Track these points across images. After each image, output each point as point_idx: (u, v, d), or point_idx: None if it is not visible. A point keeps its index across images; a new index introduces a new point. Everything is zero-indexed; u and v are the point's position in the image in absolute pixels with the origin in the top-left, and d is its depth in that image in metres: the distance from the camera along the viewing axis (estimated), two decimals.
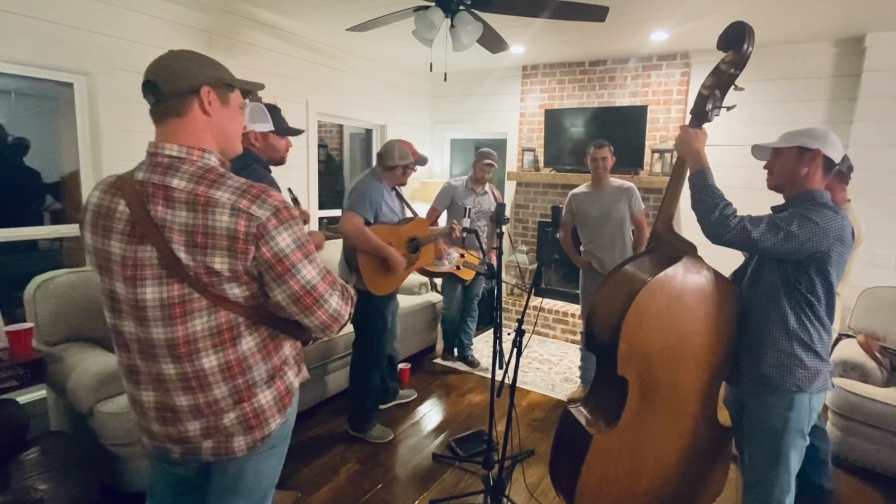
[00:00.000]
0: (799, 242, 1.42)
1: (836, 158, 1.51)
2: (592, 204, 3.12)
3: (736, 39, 1.49)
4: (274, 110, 1.98)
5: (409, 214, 2.82)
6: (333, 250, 3.76)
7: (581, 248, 3.27)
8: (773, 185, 1.61)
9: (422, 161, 2.66)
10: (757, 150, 1.64)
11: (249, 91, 1.18)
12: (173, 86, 1.03)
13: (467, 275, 3.20)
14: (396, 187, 2.75)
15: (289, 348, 1.18)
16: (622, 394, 1.65)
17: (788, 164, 1.54)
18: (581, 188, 3.23)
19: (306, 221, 2.13)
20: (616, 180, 3.13)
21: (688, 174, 1.59)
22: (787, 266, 1.49)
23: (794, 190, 1.56)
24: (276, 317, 1.11)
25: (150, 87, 1.04)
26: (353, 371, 2.73)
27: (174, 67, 1.04)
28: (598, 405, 1.82)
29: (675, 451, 1.73)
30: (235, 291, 1.03)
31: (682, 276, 1.61)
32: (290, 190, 2.17)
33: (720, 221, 1.47)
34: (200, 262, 0.99)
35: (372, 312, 2.59)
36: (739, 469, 1.85)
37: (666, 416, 1.68)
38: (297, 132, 2.07)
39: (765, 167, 1.63)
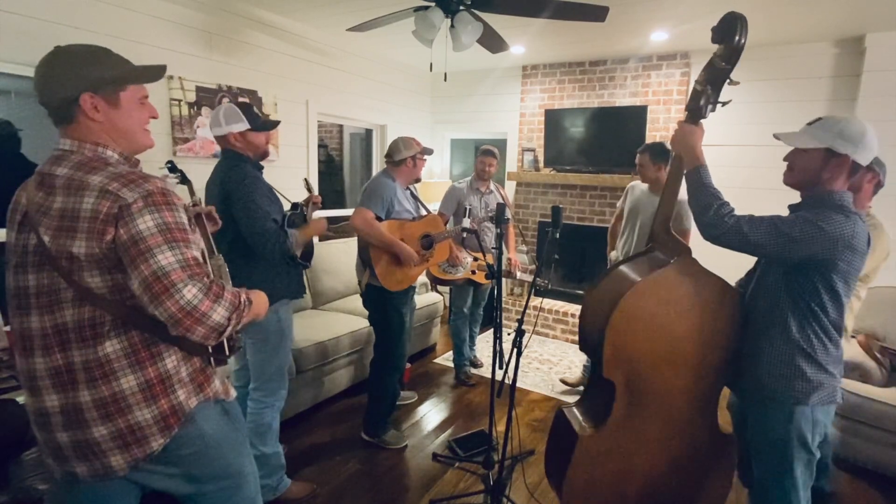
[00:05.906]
0: (801, 248, 1.33)
1: (865, 162, 1.38)
2: (633, 201, 2.98)
3: (728, 31, 1.42)
4: (246, 108, 1.98)
5: (423, 213, 2.80)
6: (340, 251, 3.78)
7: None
8: (791, 183, 1.48)
9: (427, 151, 2.67)
10: (782, 138, 1.49)
11: (154, 79, 1.11)
12: (49, 97, 1.01)
13: (483, 278, 3.16)
14: (411, 187, 2.74)
15: (174, 362, 1.08)
16: (610, 396, 1.63)
17: (813, 164, 1.41)
18: (642, 183, 3.04)
19: (317, 205, 2.16)
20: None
21: (685, 171, 1.52)
22: (791, 273, 1.42)
23: (813, 190, 1.44)
24: (155, 322, 1.00)
25: (37, 95, 1.02)
26: (371, 373, 2.69)
27: (49, 76, 1.00)
28: (589, 406, 1.81)
29: (670, 456, 1.68)
30: (97, 281, 0.99)
31: (673, 280, 1.55)
32: (305, 179, 2.34)
33: (715, 220, 1.42)
34: (62, 245, 0.97)
35: (389, 310, 2.55)
36: (739, 478, 1.82)
37: (657, 421, 1.64)
38: (273, 125, 2.06)
39: (784, 159, 1.49)
